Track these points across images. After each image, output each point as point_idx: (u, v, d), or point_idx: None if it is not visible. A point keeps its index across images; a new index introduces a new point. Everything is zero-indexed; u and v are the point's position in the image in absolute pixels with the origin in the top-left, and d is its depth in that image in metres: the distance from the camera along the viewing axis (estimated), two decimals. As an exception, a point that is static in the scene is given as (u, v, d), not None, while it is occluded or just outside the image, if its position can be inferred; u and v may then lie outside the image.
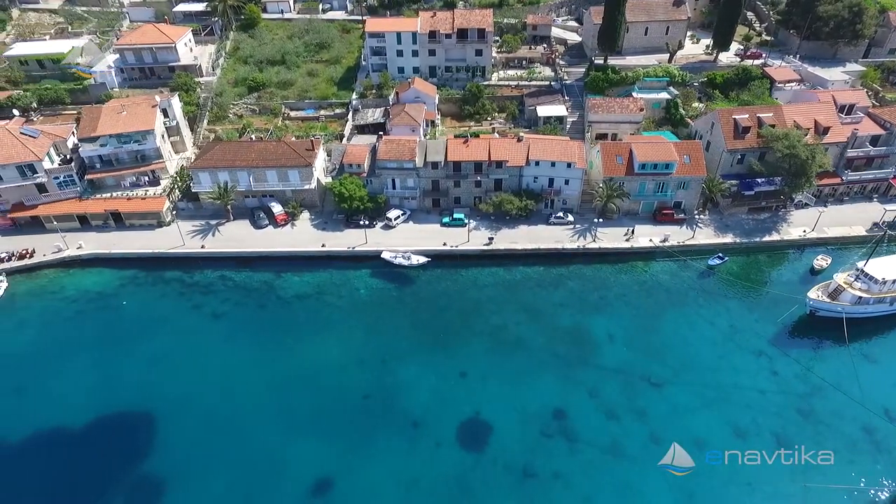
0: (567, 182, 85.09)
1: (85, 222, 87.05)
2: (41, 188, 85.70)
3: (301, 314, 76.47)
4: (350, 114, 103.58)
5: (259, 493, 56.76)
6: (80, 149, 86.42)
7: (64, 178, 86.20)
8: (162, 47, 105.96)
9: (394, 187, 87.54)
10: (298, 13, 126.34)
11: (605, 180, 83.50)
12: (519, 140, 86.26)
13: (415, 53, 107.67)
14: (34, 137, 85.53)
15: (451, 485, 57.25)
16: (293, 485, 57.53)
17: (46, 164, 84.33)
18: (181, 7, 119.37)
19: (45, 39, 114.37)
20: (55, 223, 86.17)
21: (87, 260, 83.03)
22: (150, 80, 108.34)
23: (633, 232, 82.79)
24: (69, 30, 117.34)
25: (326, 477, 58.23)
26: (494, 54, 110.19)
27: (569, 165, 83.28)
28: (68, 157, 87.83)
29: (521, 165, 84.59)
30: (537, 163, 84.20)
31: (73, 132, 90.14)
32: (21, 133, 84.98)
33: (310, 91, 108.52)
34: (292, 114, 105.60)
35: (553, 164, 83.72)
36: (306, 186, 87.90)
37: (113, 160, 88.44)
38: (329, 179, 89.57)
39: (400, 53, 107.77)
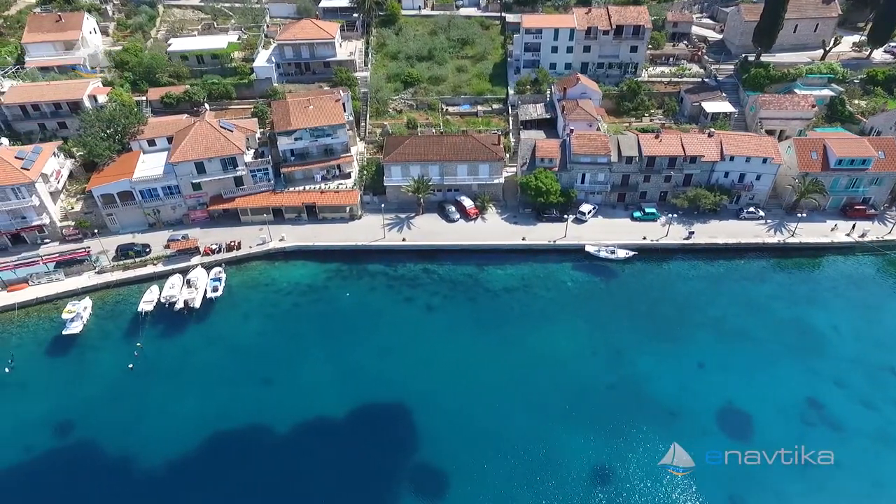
0: (758, 177, 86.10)
1: (278, 215, 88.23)
2: (238, 181, 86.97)
3: (514, 306, 77.50)
4: (510, 109, 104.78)
5: (541, 483, 57.47)
6: (277, 142, 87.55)
7: (260, 171, 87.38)
8: (321, 42, 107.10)
9: (582, 182, 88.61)
10: (433, 9, 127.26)
11: (800, 175, 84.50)
12: (710, 135, 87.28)
13: (569, 50, 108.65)
14: (231, 131, 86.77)
15: (731, 472, 58.20)
16: (571, 473, 58.43)
17: (246, 158, 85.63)
18: (326, 3, 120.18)
19: (195, 35, 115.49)
20: (251, 216, 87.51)
21: (290, 252, 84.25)
22: (304, 75, 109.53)
23: (836, 227, 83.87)
24: (215, 25, 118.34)
25: (602, 465, 59.19)
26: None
27: (764, 161, 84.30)
28: (259, 150, 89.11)
29: (716, 161, 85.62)
30: (732, 158, 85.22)
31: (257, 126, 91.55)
32: (221, 126, 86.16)
33: (463, 87, 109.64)
34: (449, 109, 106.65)
35: (748, 159, 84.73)
36: (496, 181, 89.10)
37: (304, 154, 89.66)
38: (511, 173, 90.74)
39: (554, 50, 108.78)
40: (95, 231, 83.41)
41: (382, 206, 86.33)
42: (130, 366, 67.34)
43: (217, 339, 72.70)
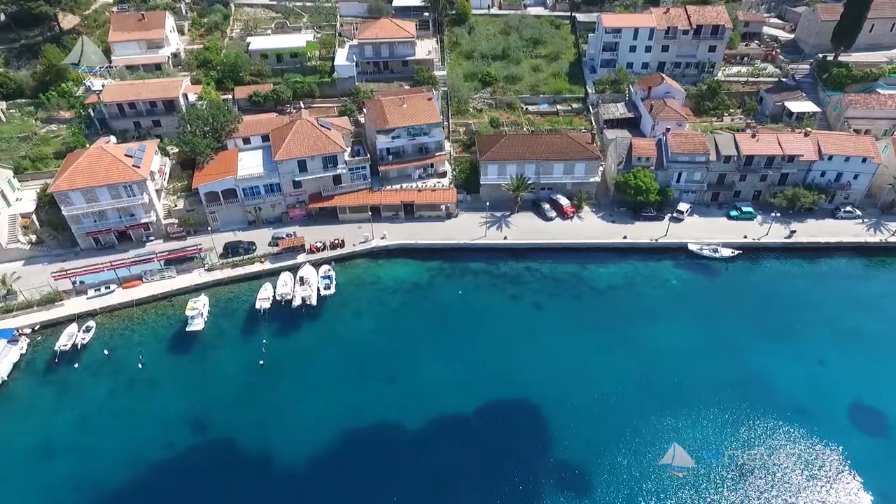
0: (856, 177, 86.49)
1: (375, 213, 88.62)
2: (336, 180, 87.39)
3: (622, 304, 77.90)
4: (590, 108, 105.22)
5: (679, 479, 57.94)
6: (376, 140, 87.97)
7: (358, 169, 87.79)
8: (401, 41, 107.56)
9: (678, 181, 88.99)
10: (500, 9, 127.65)
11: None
12: (805, 135, 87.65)
13: (647, 49, 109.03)
14: (329, 129, 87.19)
15: (874, 469, 58.63)
16: (708, 469, 58.89)
17: (345, 156, 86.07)
18: (398, 1, 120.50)
19: (269, 34, 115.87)
20: (349, 214, 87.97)
21: (392, 250, 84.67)
22: (382, 73, 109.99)
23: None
24: (287, 24, 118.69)
25: (742, 463, 59.51)
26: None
27: (864, 160, 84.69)
28: (356, 149, 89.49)
29: (813, 160, 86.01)
30: (830, 157, 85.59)
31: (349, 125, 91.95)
32: (320, 125, 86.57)
33: (539, 86, 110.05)
34: (529, 108, 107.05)
35: (847, 158, 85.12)
36: (591, 179, 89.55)
37: (399, 152, 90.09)
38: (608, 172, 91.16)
39: (632, 49, 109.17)
40: (197, 229, 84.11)
41: (488, 203, 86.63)
42: (261, 362, 67.75)
43: (333, 336, 73.07)
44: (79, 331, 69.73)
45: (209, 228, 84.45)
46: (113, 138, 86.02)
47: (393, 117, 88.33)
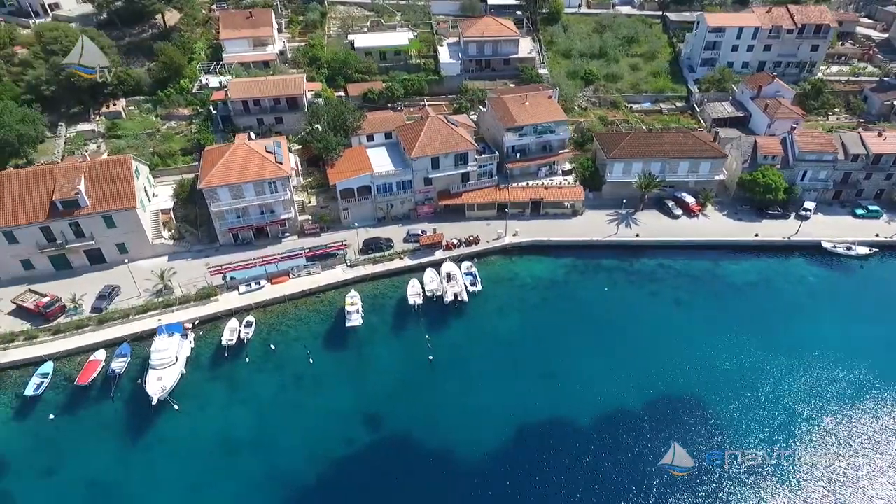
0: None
1: (500, 210, 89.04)
2: (464, 177, 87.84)
3: (762, 301, 78.19)
4: (695, 107, 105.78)
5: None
6: (503, 138, 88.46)
7: (486, 167, 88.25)
8: (505, 40, 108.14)
9: (802, 179, 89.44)
10: (589, 8, 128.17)
11: None
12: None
13: (749, 48, 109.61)
14: (455, 126, 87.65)
15: None
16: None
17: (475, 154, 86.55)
18: (494, 0, 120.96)
19: (365, 31, 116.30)
20: (476, 211, 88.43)
21: (523, 247, 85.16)
22: (483, 71, 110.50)
23: None
24: (382, 22, 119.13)
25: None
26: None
27: None
28: (482, 146, 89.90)
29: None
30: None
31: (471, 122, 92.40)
32: (450, 123, 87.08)
33: (640, 84, 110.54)
34: (633, 107, 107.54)
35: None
36: (717, 177, 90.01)
37: (523, 150, 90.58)
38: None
39: (734, 48, 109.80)
40: (330, 225, 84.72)
41: (624, 201, 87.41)
42: (430, 358, 68.16)
43: (484, 332, 73.33)
44: (240, 326, 70.14)
45: (342, 225, 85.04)
46: (252, 134, 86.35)
47: (520, 115, 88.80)
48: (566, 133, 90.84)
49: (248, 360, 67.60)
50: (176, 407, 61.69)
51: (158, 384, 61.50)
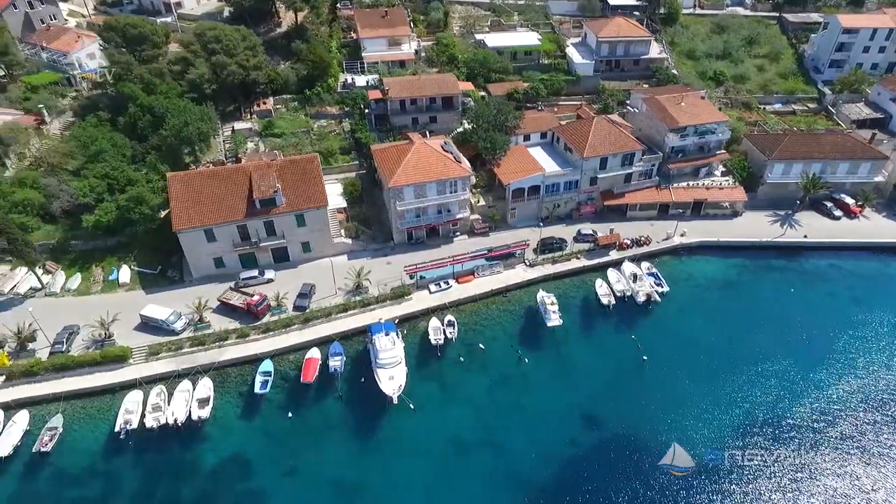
0: None
1: (660, 211, 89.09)
2: (627, 177, 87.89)
3: (947, 298, 78.59)
4: (829, 108, 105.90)
5: None
6: (665, 138, 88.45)
7: (650, 167, 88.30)
8: (637, 40, 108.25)
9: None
10: (703, 9, 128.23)
11: None
12: None
13: (880, 49, 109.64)
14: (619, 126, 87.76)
15: None
16: None
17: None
18: (615, 1, 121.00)
19: (486, 31, 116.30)
20: (638, 211, 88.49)
21: (692, 248, 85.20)
22: (613, 71, 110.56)
23: None
24: (502, 22, 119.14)
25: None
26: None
27: None
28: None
29: None
30: None
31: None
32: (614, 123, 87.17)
33: (769, 85, 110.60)
34: (766, 108, 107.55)
35: None
36: (875, 179, 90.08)
37: (682, 150, 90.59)
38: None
39: (865, 49, 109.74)
40: (497, 225, 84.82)
41: (797, 202, 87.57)
42: (644, 358, 68.24)
43: (680, 332, 73.10)
44: (442, 325, 70.19)
45: (507, 225, 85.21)
46: (427, 133, 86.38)
47: (681, 116, 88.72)
48: (726, 134, 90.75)
49: (461, 359, 67.67)
50: (411, 406, 61.74)
51: (392, 383, 61.58)
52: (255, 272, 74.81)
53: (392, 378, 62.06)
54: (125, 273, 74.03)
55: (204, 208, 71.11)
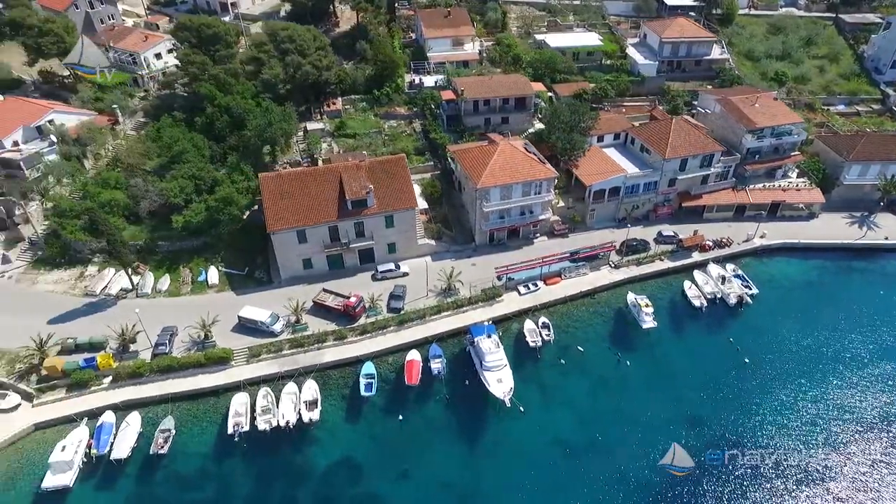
0: None
1: (737, 212, 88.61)
2: (704, 179, 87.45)
3: None
4: (893, 109, 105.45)
5: None
6: (742, 140, 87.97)
7: (726, 168, 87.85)
8: (700, 41, 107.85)
9: None
10: (756, 9, 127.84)
11: None
12: None
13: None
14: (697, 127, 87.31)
15: None
16: None
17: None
18: (672, 1, 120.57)
19: (543, 31, 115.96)
20: (715, 213, 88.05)
21: (773, 249, 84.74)
22: (674, 72, 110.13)
23: None
24: (559, 22, 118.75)
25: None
26: None
27: None
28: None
29: None
30: None
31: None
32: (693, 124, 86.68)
33: (831, 86, 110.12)
34: (829, 109, 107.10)
35: None
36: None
37: (757, 151, 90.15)
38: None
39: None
40: (576, 226, 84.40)
41: (878, 203, 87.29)
42: (746, 360, 67.83)
43: (776, 333, 72.52)
44: (538, 326, 69.77)
45: (585, 226, 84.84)
46: (509, 133, 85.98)
47: (757, 117, 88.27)
48: (802, 135, 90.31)
49: (561, 361, 67.26)
50: (521, 409, 61.29)
51: (502, 386, 61.18)
52: (391, 265, 75.46)
53: (500, 381, 61.64)
54: (213, 274, 73.60)
55: (297, 209, 70.72)
